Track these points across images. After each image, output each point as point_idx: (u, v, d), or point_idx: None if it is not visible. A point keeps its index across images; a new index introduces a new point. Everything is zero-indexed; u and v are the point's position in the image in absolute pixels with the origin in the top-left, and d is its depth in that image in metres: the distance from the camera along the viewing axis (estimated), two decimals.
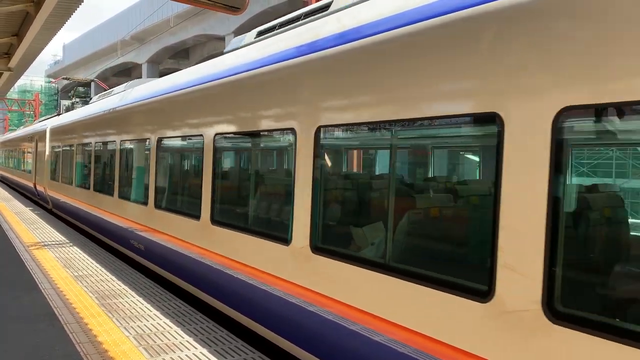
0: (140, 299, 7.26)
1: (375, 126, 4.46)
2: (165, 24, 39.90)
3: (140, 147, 10.28)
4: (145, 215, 9.46)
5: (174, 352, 5.33)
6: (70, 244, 11.69)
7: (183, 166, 8.73)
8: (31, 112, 63.27)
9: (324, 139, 4.97)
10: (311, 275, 4.91)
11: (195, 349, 5.44)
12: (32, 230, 13.51)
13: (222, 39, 36.30)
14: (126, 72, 58.27)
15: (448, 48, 3.68)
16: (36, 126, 25.48)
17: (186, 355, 5.27)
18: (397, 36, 4.14)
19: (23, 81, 77.78)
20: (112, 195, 11.49)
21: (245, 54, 6.80)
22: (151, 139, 9.43)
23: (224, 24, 36.64)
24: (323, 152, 5.03)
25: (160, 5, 38.30)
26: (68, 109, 23.49)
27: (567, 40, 2.92)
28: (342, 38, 4.73)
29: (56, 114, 25.19)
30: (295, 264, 5.16)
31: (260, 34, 7.12)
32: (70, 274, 8.70)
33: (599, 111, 2.89)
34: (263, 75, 5.95)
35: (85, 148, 14.39)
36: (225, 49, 8.09)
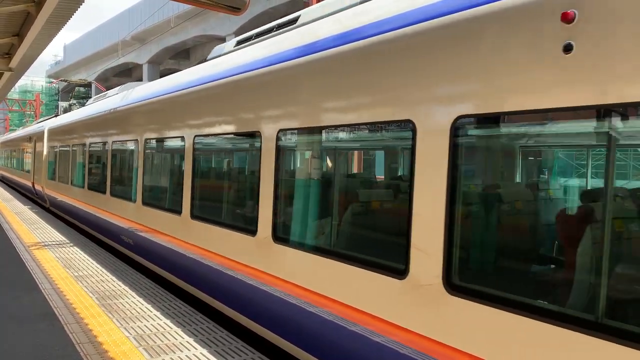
0: (141, 300, 7.26)
1: (321, 130, 5.20)
2: (166, 25, 39.93)
3: (129, 148, 10.81)
4: (134, 212, 10.03)
5: (174, 353, 5.33)
6: (71, 244, 11.69)
7: (167, 166, 9.20)
8: (32, 113, 63.36)
9: (283, 141, 5.64)
10: (273, 262, 5.63)
11: (196, 349, 5.44)
12: (33, 231, 13.52)
13: (223, 39, 36.31)
14: (127, 73, 58.29)
15: (375, 66, 4.43)
16: (35, 127, 26.04)
17: (186, 355, 5.27)
18: (336, 54, 4.90)
19: (24, 81, 77.96)
20: (105, 193, 12.09)
21: (221, 62, 7.49)
22: (138, 140, 10.04)
23: (225, 25, 36.69)
24: (283, 153, 5.71)
25: (161, 5, 38.34)
26: (66, 111, 23.90)
27: (458, 63, 3.69)
28: (294, 54, 5.58)
29: (54, 115, 25.82)
30: (260, 252, 5.84)
31: (239, 43, 7.75)
32: (70, 274, 8.70)
33: (484, 119, 3.62)
34: (234, 83, 6.68)
35: (80, 149, 14.92)
36: (208, 57, 8.70)
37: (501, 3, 3.45)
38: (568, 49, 3.05)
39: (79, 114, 16.27)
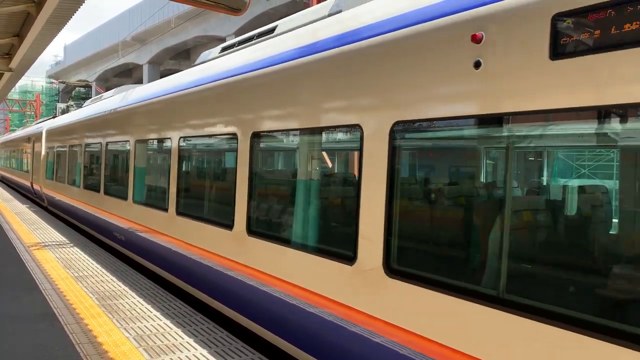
0: (141, 300, 7.26)
1: (287, 134, 5.79)
2: (166, 25, 39.94)
3: (121, 149, 11.27)
4: (125, 209, 10.54)
5: (174, 353, 5.33)
6: (71, 244, 11.69)
7: (156, 166, 9.62)
8: (32, 113, 63.37)
9: (257, 143, 6.14)
10: (247, 253, 6.19)
11: (196, 350, 5.44)
12: (33, 231, 13.52)
13: (224, 39, 36.34)
14: (127, 73, 58.32)
15: (331, 77, 4.98)
16: (33, 128, 26.57)
17: (186, 356, 5.27)
18: (298, 65, 5.47)
19: (24, 82, 77.92)
20: (99, 192, 12.57)
21: (205, 68, 8.01)
22: (130, 141, 10.52)
23: (225, 25, 36.70)
24: (256, 155, 6.19)
25: (162, 6, 38.36)
26: (64, 112, 24.28)
27: (394, 77, 4.27)
28: (261, 63, 6.18)
29: (52, 116, 26.39)
30: (236, 244, 6.40)
31: (223, 50, 8.22)
32: (70, 274, 8.70)
33: (414, 124, 4.16)
34: (214, 88, 7.22)
35: (75, 149, 15.42)
36: (195, 62, 9.19)
37: (429, 24, 4.00)
38: (477, 65, 3.57)
39: (75, 115, 16.70)
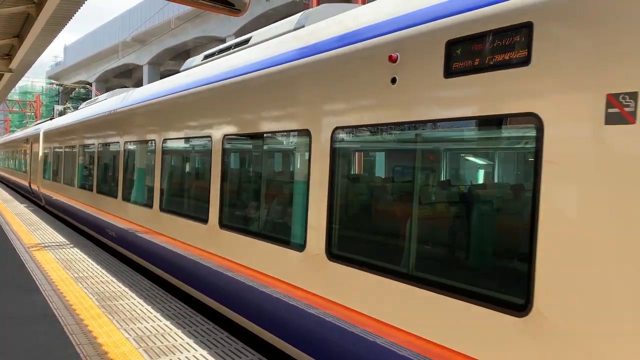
0: (141, 301, 7.26)
1: (251, 137, 6.51)
2: (166, 26, 39.94)
3: (112, 150, 11.94)
4: (117, 207, 11.19)
5: (174, 354, 5.33)
6: (71, 245, 11.69)
7: (142, 166, 10.16)
8: (32, 114, 63.37)
9: (228, 145, 6.85)
10: (219, 244, 6.83)
11: (196, 350, 5.44)
12: (33, 232, 13.52)
13: (223, 40, 36.34)
14: (127, 74, 58.33)
15: (286, 88, 5.68)
16: (32, 129, 27.24)
17: (186, 357, 5.27)
18: (260, 76, 6.21)
19: (24, 82, 77.91)
20: (92, 190, 13.30)
21: (187, 75, 8.64)
22: (120, 143, 11.22)
23: (225, 26, 36.70)
24: (227, 155, 6.90)
25: (162, 7, 38.35)
26: (61, 114, 24.67)
27: (332, 90, 4.97)
28: (232, 73, 6.89)
29: (49, 118, 27.09)
30: (210, 236, 7.09)
31: (205, 58, 8.86)
32: (70, 275, 8.70)
33: (348, 129, 4.83)
34: (192, 95, 7.93)
35: (71, 150, 16.14)
36: (181, 68, 9.77)
37: (358, 45, 4.69)
38: (394, 81, 4.22)
39: (70, 118, 17.40)
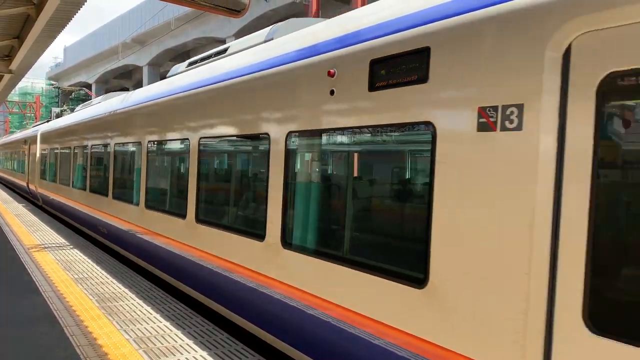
0: (141, 302, 7.26)
1: (223, 139, 7.16)
2: (166, 27, 39.98)
3: (103, 151, 12.62)
4: (107, 205, 11.89)
5: (174, 355, 5.33)
6: (71, 246, 11.69)
7: (131, 166, 10.78)
8: (32, 115, 63.35)
9: (204, 146, 7.52)
10: (195, 237, 7.54)
11: (195, 352, 5.44)
12: (32, 233, 13.52)
13: (223, 41, 36.36)
14: (127, 75, 58.33)
15: (250, 97, 6.30)
16: (30, 131, 27.97)
17: (186, 358, 5.27)
18: (228, 85, 6.83)
19: (24, 83, 77.91)
20: (85, 190, 13.97)
21: (170, 82, 9.29)
22: (110, 144, 11.93)
23: (225, 27, 36.71)
24: (203, 156, 7.55)
25: (161, 8, 38.37)
26: (58, 116, 25.04)
27: (284, 100, 5.65)
28: (206, 81, 7.56)
29: (46, 120, 27.79)
30: (187, 230, 7.79)
31: (189, 65, 9.50)
32: (70, 276, 8.70)
33: (298, 133, 5.45)
34: (174, 100, 8.64)
35: (65, 151, 16.90)
36: (167, 74, 10.35)
37: (306, 61, 5.36)
38: (332, 93, 4.89)
39: (65, 120, 18.10)
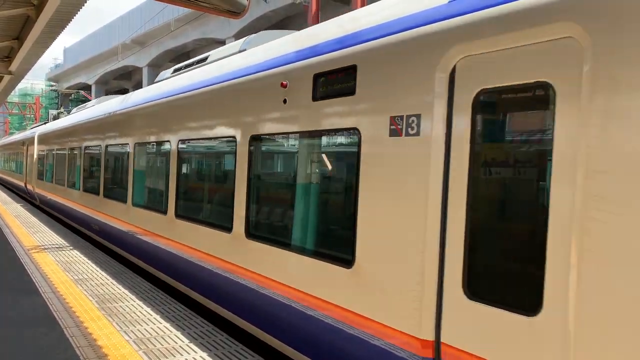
0: (140, 303, 7.25)
1: (197, 141, 7.79)
2: (165, 28, 39.96)
3: (95, 152, 13.30)
4: (98, 203, 12.58)
5: (174, 356, 5.33)
6: (71, 247, 11.69)
7: (121, 166, 11.41)
8: (32, 116, 63.35)
9: (182, 147, 8.20)
10: (174, 231, 8.19)
11: (195, 352, 5.44)
12: (32, 234, 13.51)
13: (223, 42, 36.33)
14: (127, 76, 58.30)
15: (219, 103, 7.04)
16: (28, 132, 28.62)
17: (185, 359, 5.27)
18: (202, 92, 7.57)
19: (24, 84, 77.82)
20: (79, 189, 14.68)
21: (156, 88, 9.99)
22: (101, 146, 12.67)
23: (225, 28, 36.70)
24: (181, 156, 8.24)
25: (161, 9, 38.35)
26: (55, 118, 25.48)
27: (247, 108, 6.36)
28: (185, 88, 8.27)
29: (43, 122, 28.54)
30: (168, 225, 8.44)
31: (175, 71, 10.18)
32: (70, 277, 8.69)
33: (259, 137, 6.13)
34: (157, 105, 9.35)
35: (60, 153, 17.56)
36: (155, 79, 11.04)
37: (264, 73, 6.04)
38: (285, 102, 5.58)
39: (61, 122, 18.74)
